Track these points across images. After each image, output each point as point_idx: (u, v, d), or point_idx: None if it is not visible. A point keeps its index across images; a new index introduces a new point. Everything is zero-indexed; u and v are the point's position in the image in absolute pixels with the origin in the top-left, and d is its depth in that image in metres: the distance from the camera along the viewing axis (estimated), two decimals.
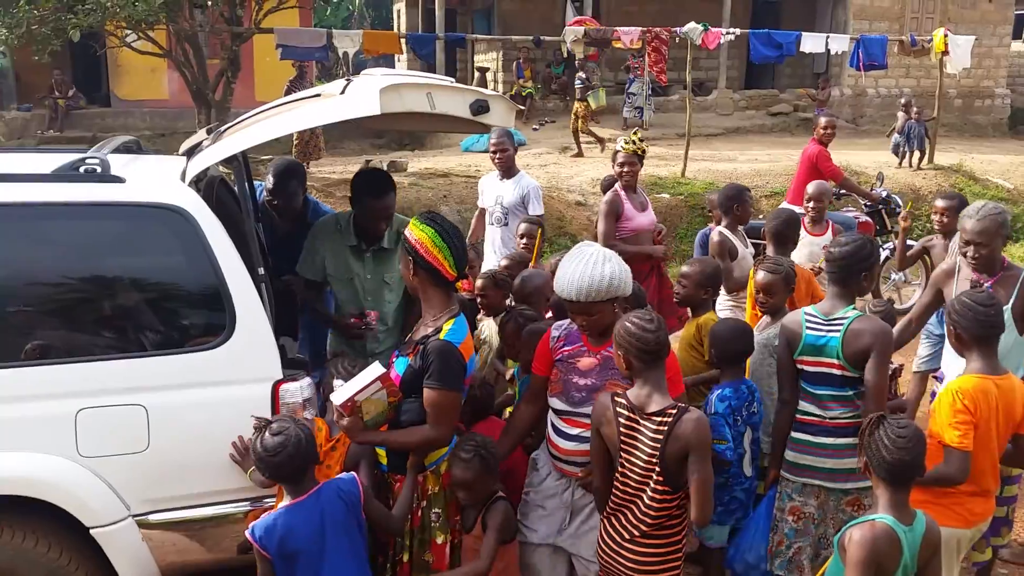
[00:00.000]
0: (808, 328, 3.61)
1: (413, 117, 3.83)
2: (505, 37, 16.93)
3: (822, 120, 8.82)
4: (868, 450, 2.77)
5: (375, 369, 3.11)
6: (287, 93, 11.66)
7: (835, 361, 3.54)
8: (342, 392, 3.11)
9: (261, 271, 3.57)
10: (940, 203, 5.70)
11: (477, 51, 21.23)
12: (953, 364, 3.99)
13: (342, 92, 3.51)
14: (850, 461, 3.42)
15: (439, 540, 3.25)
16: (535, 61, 18.36)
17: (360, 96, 3.38)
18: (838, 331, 3.54)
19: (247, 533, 2.97)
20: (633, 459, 3.10)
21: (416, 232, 3.23)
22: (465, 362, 3.17)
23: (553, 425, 3.43)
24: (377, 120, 3.71)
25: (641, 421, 3.08)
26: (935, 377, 4.10)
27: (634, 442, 3.09)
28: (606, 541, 3.22)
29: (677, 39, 13.24)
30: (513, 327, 4.03)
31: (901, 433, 2.74)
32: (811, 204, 5.86)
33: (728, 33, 13.63)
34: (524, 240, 5.47)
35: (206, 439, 3.40)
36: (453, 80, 4.15)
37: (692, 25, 12.94)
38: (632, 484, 3.12)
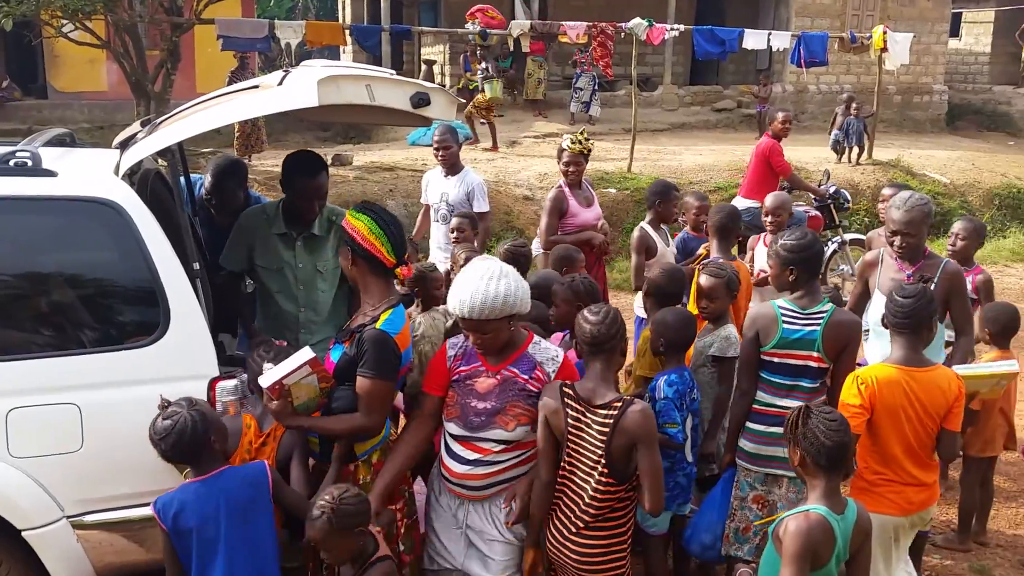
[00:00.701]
0: (785, 322, 3.69)
1: (355, 110, 3.80)
2: (452, 30, 16.86)
3: (779, 115, 8.93)
4: (804, 441, 2.80)
5: (304, 353, 3.11)
6: (229, 84, 11.49)
7: (814, 354, 3.66)
8: (270, 375, 3.10)
9: (197, 266, 3.52)
10: (887, 191, 5.74)
11: (424, 44, 21.12)
12: (874, 352, 4.19)
13: (279, 83, 3.47)
14: None
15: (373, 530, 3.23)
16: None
17: (297, 87, 3.35)
18: (818, 324, 3.65)
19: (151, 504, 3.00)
20: (580, 450, 3.13)
21: (353, 221, 3.24)
22: (400, 352, 3.18)
23: (448, 448, 3.32)
24: (319, 113, 3.69)
25: (587, 413, 3.11)
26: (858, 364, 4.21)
27: (581, 434, 3.12)
28: (553, 535, 3.23)
29: (623, 34, 13.31)
30: None
31: (832, 418, 2.82)
32: (769, 218, 5.67)
33: (672, 29, 13.74)
34: (455, 233, 5.49)
35: (142, 438, 3.32)
36: (394, 72, 4.12)
37: (637, 21, 13.02)
38: (579, 475, 3.15)
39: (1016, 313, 4.88)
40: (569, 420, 3.12)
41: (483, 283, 3.12)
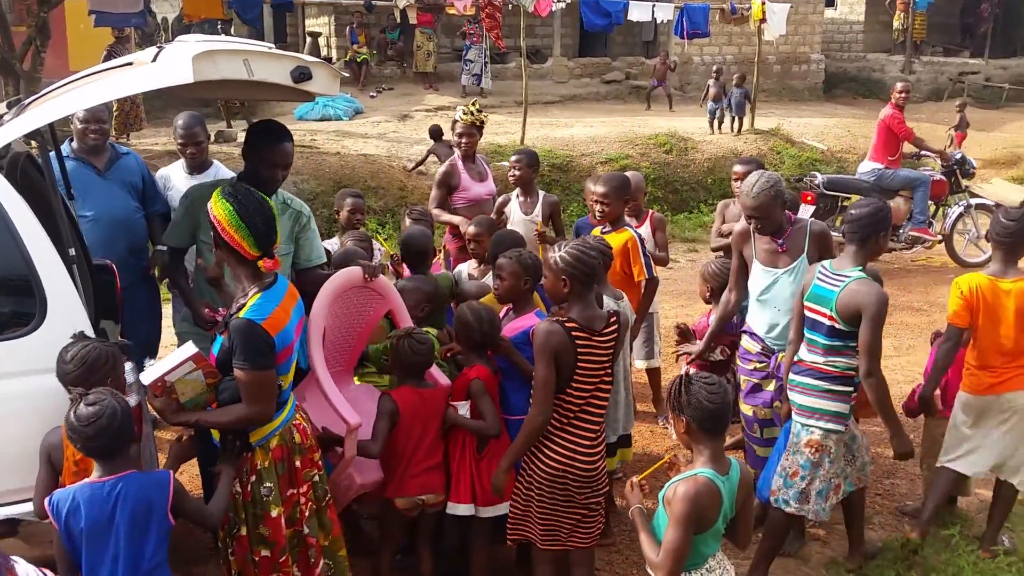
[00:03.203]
0: (818, 279, 4.01)
1: (235, 86, 3.70)
2: (336, 1, 16.53)
3: (898, 85, 9.89)
4: (689, 409, 2.87)
5: (187, 349, 3.03)
6: (106, 60, 11.00)
7: (827, 311, 3.93)
8: (152, 372, 3.02)
9: (73, 252, 3.38)
10: (739, 168, 5.93)
11: (308, 15, 20.63)
12: (755, 321, 4.48)
13: (153, 60, 3.35)
14: (823, 403, 4.00)
15: (273, 513, 3.20)
16: (369, 26, 18.00)
17: (172, 64, 3.24)
18: (838, 286, 3.91)
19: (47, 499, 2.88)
20: (588, 368, 3.47)
21: (215, 207, 3.09)
22: (272, 337, 3.06)
23: None
24: (198, 89, 3.56)
25: (595, 336, 3.46)
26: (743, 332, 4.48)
27: (589, 355, 3.46)
28: (590, 451, 3.54)
29: (511, 6, 13.32)
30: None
31: (711, 381, 2.91)
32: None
33: (559, 1, 13.82)
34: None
35: (20, 431, 3.21)
36: (272, 46, 4.02)
37: None
38: (585, 391, 3.49)
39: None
40: (579, 350, 3.43)
41: None
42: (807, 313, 4.03)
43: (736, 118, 14.39)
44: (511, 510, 3.73)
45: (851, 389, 4.01)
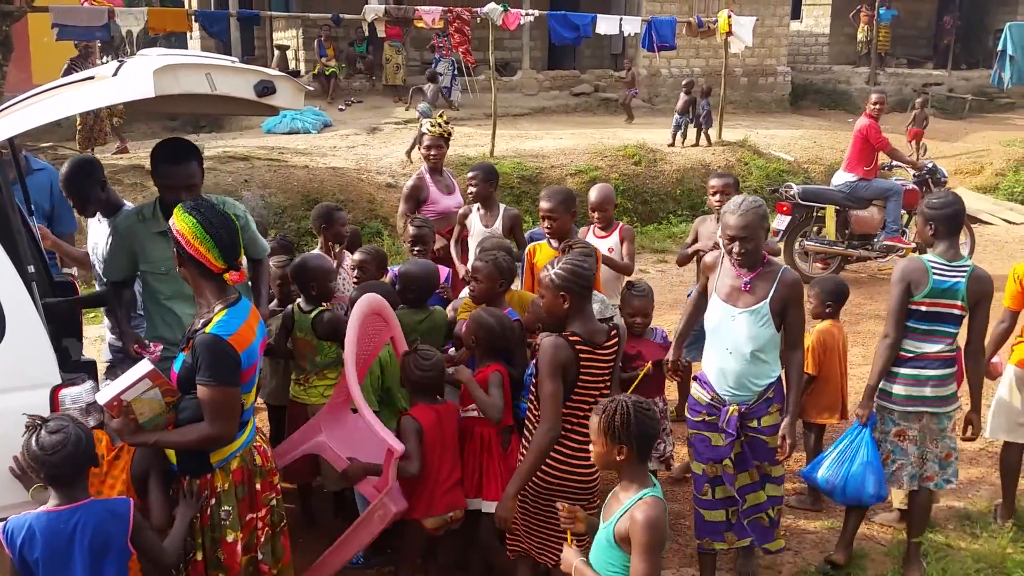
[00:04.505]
0: (935, 274, 4.12)
1: (198, 100, 3.66)
2: (303, 15, 16.47)
3: (873, 96, 9.88)
4: (636, 439, 2.78)
5: (142, 367, 2.96)
6: (67, 74, 10.86)
7: (958, 302, 4.12)
8: (107, 391, 2.95)
9: (32, 269, 3.32)
10: (716, 182, 5.93)
11: (276, 29, 20.56)
12: (708, 360, 4.24)
13: (115, 74, 3.30)
14: (949, 388, 4.24)
15: (229, 538, 3.12)
16: (337, 39, 17.96)
17: (133, 78, 3.20)
18: (963, 276, 4.11)
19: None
20: (588, 382, 3.46)
21: (178, 222, 3.04)
22: (239, 353, 3.00)
23: None
24: (161, 104, 3.53)
25: (597, 351, 3.44)
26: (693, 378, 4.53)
27: (590, 368, 3.45)
28: (583, 467, 3.49)
29: (479, 19, 13.34)
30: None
31: (647, 407, 2.85)
32: (596, 213, 5.45)
33: (527, 14, 13.88)
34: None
35: None
36: (236, 60, 3.98)
37: (492, 6, 13.08)
38: (585, 404, 3.43)
39: (845, 285, 5.25)
40: (581, 363, 3.41)
41: None
42: (927, 308, 4.16)
43: (704, 129, 14.48)
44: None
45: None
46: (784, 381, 4.04)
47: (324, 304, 4.50)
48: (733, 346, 3.92)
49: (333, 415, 4.21)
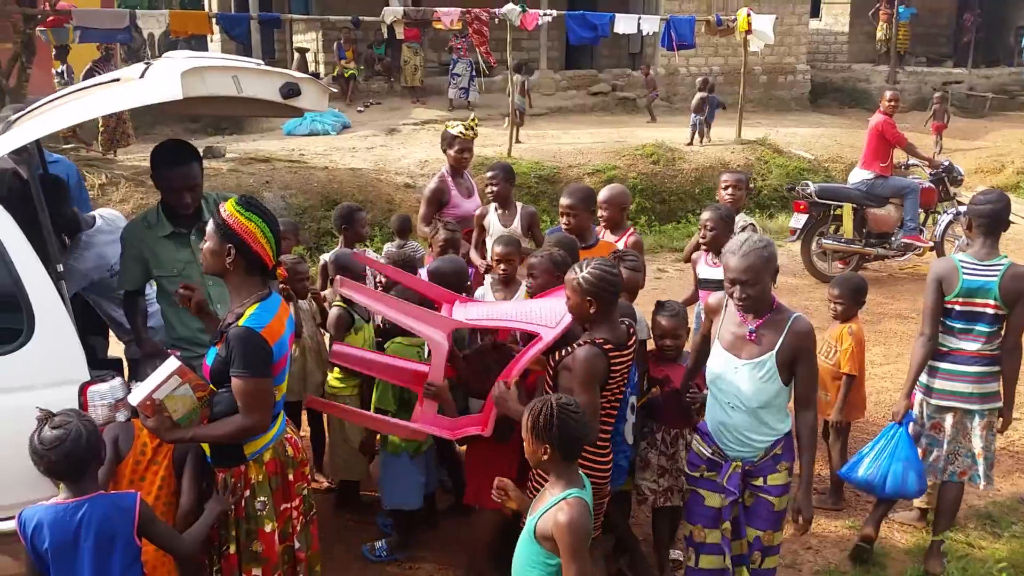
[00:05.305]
0: (965, 273, 4.17)
1: (223, 102, 3.70)
2: (323, 17, 16.56)
3: (888, 94, 9.92)
4: (559, 439, 2.80)
5: (170, 364, 3.00)
6: (89, 75, 10.99)
7: (991, 301, 4.16)
8: (139, 391, 2.99)
9: (60, 268, 3.38)
10: (727, 177, 5.89)
11: (296, 31, 20.67)
12: (712, 414, 3.83)
13: (141, 76, 3.37)
14: (988, 386, 4.27)
15: (267, 528, 3.18)
16: (356, 42, 18.05)
17: (161, 80, 3.25)
18: (996, 275, 4.14)
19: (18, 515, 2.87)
20: (611, 384, 3.48)
21: (243, 221, 3.07)
22: (271, 346, 3.07)
23: None
24: (186, 105, 3.57)
25: (622, 352, 3.47)
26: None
27: (616, 370, 3.47)
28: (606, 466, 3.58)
29: (497, 20, 13.37)
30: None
31: (575, 409, 2.87)
32: (603, 213, 5.24)
33: (545, 15, 13.89)
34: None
35: (9, 448, 3.19)
36: (262, 63, 4.03)
37: (510, 6, 13.11)
38: (605, 405, 3.48)
39: (864, 282, 5.21)
40: (612, 369, 3.43)
41: None
42: (960, 307, 4.21)
43: (705, 127, 14.47)
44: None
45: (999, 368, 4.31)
46: (795, 440, 3.59)
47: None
48: (736, 400, 3.53)
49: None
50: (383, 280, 4.99)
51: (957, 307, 4.23)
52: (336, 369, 4.65)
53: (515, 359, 3.81)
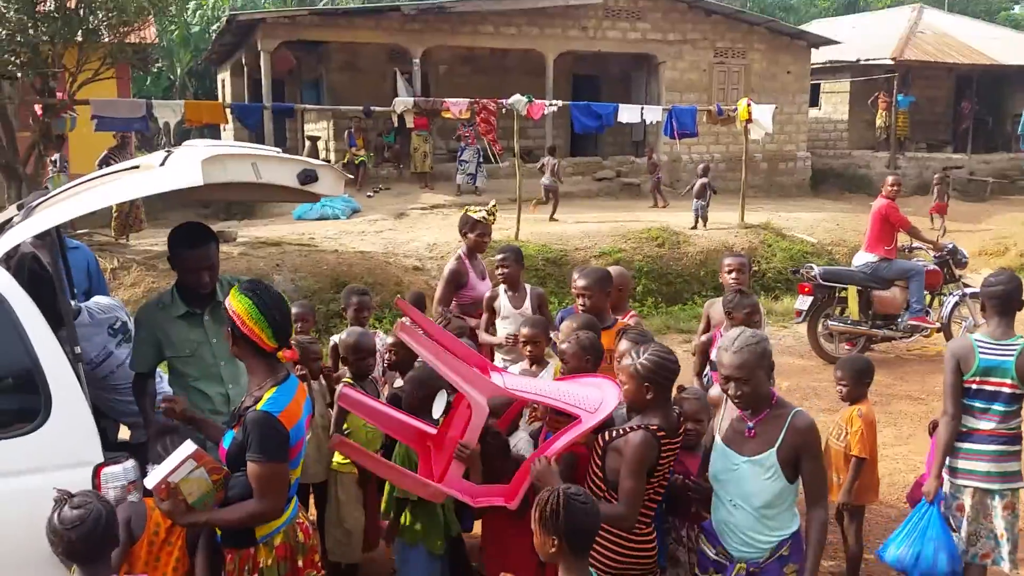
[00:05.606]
0: (983, 353, 4.20)
1: (238, 187, 3.80)
2: (335, 107, 16.97)
3: (890, 179, 10.12)
4: (568, 530, 2.70)
5: (186, 448, 3.01)
6: (104, 163, 11.22)
7: (1008, 380, 4.19)
8: (155, 475, 3.00)
9: (78, 350, 3.42)
10: (730, 260, 5.91)
11: (307, 120, 21.15)
12: (717, 513, 3.71)
13: (162, 164, 3.46)
14: (1008, 465, 4.26)
15: None
16: (367, 130, 18.47)
17: (182, 167, 3.35)
18: (1012, 354, 4.16)
19: None
20: (660, 469, 3.50)
21: (234, 303, 3.14)
22: (287, 430, 3.08)
23: None
24: (202, 191, 3.66)
25: (673, 440, 3.49)
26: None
27: (665, 457, 3.49)
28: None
29: (504, 110, 13.69)
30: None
31: (585, 500, 2.76)
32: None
33: (551, 105, 14.23)
34: None
35: (23, 531, 3.18)
36: (280, 151, 4.15)
37: (517, 97, 13.44)
38: (650, 487, 3.47)
39: (870, 363, 5.21)
40: (662, 456, 3.45)
41: None
42: (976, 386, 4.24)
43: (701, 213, 14.62)
44: None
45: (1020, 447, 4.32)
46: (804, 538, 3.48)
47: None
48: (738, 498, 3.42)
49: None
50: (390, 360, 5.04)
51: (974, 386, 4.26)
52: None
53: (550, 439, 3.80)
